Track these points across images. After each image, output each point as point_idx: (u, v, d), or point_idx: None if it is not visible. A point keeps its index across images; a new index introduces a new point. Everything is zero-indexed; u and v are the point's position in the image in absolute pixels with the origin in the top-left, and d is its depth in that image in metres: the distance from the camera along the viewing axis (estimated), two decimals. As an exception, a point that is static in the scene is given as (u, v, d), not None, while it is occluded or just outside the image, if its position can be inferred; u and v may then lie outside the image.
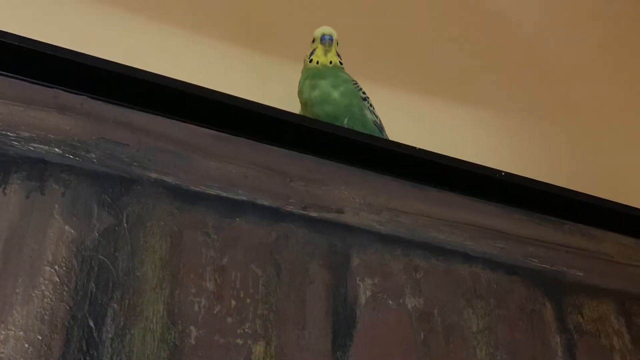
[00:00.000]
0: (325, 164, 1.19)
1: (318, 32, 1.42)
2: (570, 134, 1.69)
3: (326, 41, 1.40)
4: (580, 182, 1.45)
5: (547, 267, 1.27)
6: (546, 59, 1.79)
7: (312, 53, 1.41)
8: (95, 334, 0.90)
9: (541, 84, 1.75)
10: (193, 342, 0.95)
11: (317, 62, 1.40)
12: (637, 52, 1.88)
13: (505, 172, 1.28)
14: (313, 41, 1.42)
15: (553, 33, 1.84)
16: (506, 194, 1.29)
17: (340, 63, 1.41)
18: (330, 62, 1.40)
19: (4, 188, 0.95)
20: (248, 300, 1.01)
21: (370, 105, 1.35)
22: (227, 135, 1.13)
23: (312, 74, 1.38)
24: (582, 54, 1.84)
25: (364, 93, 1.35)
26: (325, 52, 1.40)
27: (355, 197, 1.18)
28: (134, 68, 1.08)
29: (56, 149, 1.00)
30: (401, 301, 1.11)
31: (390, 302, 1.11)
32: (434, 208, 1.23)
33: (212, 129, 1.12)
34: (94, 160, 1.02)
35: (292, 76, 1.39)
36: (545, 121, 1.68)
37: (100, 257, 0.95)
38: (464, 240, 1.23)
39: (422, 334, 1.10)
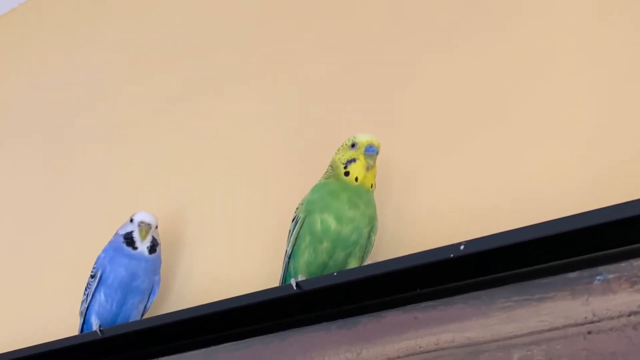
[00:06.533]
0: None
1: (363, 138, 1.31)
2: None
3: (373, 154, 1.30)
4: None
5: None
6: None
7: (349, 162, 1.31)
8: None
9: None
10: None
11: (357, 179, 1.31)
12: None
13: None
14: (353, 145, 1.31)
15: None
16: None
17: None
18: (372, 186, 1.32)
19: None
20: None
21: None
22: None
23: (354, 193, 1.29)
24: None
25: None
26: (368, 168, 1.31)
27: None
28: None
29: None
30: None
31: None
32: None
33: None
34: None
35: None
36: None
37: None
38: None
39: None
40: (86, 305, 1.58)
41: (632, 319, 1.05)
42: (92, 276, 1.58)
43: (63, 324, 1.71)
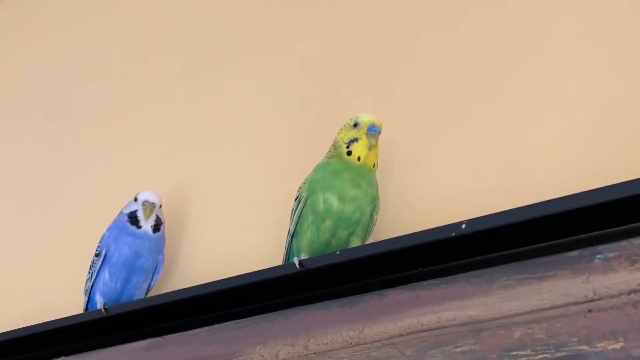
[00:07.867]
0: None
1: (365, 118, 1.32)
2: None
3: (376, 134, 1.32)
4: None
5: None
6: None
7: (351, 142, 1.33)
8: None
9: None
10: None
11: (359, 159, 1.33)
12: None
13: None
14: (355, 125, 1.33)
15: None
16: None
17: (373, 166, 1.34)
18: (374, 165, 1.33)
19: None
20: None
21: None
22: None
23: (356, 173, 1.31)
24: None
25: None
26: (371, 148, 1.32)
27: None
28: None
29: None
30: None
31: None
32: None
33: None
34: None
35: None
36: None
37: None
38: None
39: None
40: (91, 284, 1.60)
41: (632, 297, 1.06)
42: (97, 255, 1.59)
43: (68, 303, 1.72)
